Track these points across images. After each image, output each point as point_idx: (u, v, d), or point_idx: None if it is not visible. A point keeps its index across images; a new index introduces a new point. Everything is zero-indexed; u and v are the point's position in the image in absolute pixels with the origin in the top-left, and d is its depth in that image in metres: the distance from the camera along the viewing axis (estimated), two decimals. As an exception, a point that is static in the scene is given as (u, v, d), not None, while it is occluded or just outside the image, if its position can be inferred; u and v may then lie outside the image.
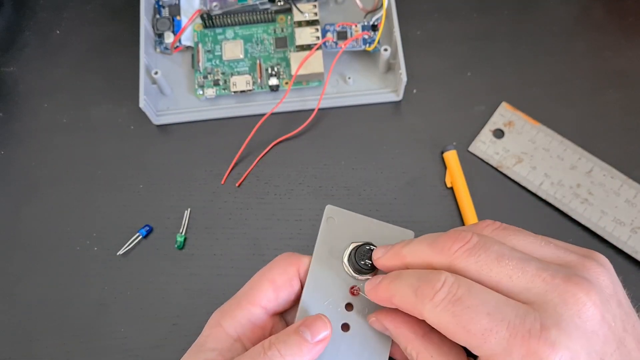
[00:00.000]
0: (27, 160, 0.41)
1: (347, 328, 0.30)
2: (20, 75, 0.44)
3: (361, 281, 0.30)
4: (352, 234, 0.31)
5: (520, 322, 0.24)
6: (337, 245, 0.30)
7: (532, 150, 0.39)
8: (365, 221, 0.31)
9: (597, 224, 0.37)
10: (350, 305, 0.30)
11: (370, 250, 0.29)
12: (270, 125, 0.40)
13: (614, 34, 0.42)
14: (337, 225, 0.31)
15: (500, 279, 0.25)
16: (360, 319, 0.30)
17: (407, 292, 0.26)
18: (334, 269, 0.30)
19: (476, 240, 0.26)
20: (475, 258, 0.26)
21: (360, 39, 0.40)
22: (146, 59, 0.40)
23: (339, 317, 0.30)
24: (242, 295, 0.30)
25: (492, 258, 0.25)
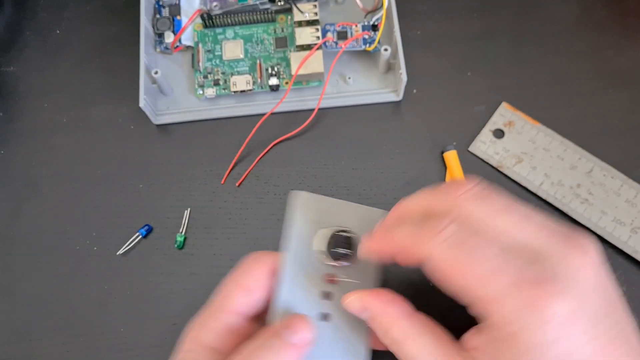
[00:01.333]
0: (27, 160, 0.41)
1: (327, 318, 0.29)
2: (21, 75, 0.44)
3: (337, 268, 0.29)
4: (322, 219, 0.29)
5: (524, 269, 0.24)
6: (308, 232, 0.29)
7: (532, 150, 0.39)
8: (334, 204, 0.30)
9: (597, 224, 0.37)
10: (330, 294, 0.29)
11: (347, 237, 0.28)
12: (270, 125, 0.40)
13: (614, 33, 0.42)
14: (310, 213, 0.30)
15: (505, 227, 0.25)
16: (339, 307, 0.29)
17: (410, 230, 0.25)
18: (307, 258, 0.29)
19: (483, 187, 0.26)
20: (481, 203, 0.25)
21: (360, 39, 0.40)
22: (146, 58, 0.40)
23: (317, 307, 0.29)
24: (214, 305, 0.29)
25: (498, 206, 0.25)
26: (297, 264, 0.29)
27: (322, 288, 0.29)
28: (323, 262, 0.29)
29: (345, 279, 0.29)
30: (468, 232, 0.24)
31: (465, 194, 0.25)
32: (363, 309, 0.28)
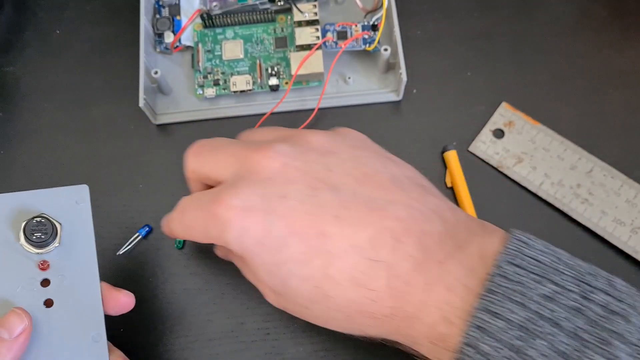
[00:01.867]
0: (27, 160, 0.41)
1: (50, 303, 0.30)
2: (21, 75, 0.44)
3: (47, 253, 0.30)
4: (24, 213, 0.30)
5: (207, 199, 0.29)
6: (13, 230, 0.30)
7: (532, 150, 0.39)
8: (31, 195, 0.31)
9: (597, 224, 0.37)
10: (47, 281, 0.30)
11: (40, 222, 0.30)
12: (270, 125, 0.40)
13: (614, 33, 0.42)
14: (5, 212, 0.31)
15: (209, 168, 0.31)
16: (60, 289, 0.30)
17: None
18: (14, 253, 0.30)
19: (199, 143, 0.32)
20: (190, 159, 0.32)
21: (360, 39, 0.40)
22: (146, 58, 0.40)
23: (38, 296, 0.30)
24: None
25: (201, 152, 0.32)
26: (5, 264, 0.30)
27: (39, 277, 0.30)
28: (31, 252, 0.30)
29: (56, 260, 0.30)
30: (178, 209, 0.32)
31: (188, 152, 0.33)
32: (224, 255, 0.34)
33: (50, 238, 0.30)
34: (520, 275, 0.23)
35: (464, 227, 0.27)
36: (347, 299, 0.26)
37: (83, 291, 0.30)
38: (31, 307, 0.30)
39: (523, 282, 0.23)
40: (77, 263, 0.31)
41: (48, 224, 0.30)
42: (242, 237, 0.27)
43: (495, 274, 0.24)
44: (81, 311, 0.30)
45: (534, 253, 0.24)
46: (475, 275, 0.24)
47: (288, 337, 0.36)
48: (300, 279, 0.27)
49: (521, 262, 0.24)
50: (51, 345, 0.29)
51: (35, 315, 0.30)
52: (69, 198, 0.31)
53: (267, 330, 0.36)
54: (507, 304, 0.23)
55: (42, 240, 0.30)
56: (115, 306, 0.31)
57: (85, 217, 0.31)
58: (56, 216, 0.31)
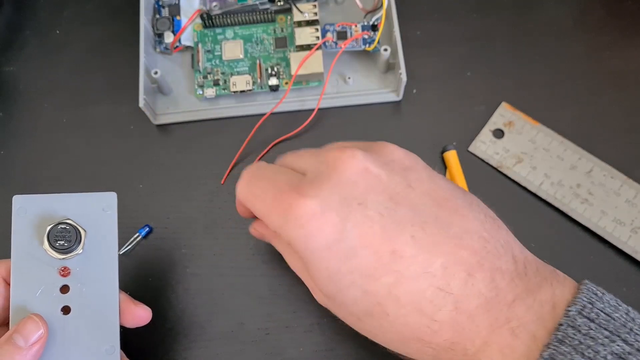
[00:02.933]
0: (27, 160, 0.41)
1: (68, 310, 0.30)
2: (20, 74, 0.44)
3: (69, 259, 0.30)
4: (49, 217, 0.30)
5: (285, 185, 0.27)
6: (36, 233, 0.30)
7: (532, 151, 0.39)
8: (59, 199, 0.31)
9: (597, 224, 0.37)
10: (66, 287, 0.30)
11: (64, 228, 0.29)
12: (270, 125, 0.40)
13: (613, 34, 0.42)
14: (31, 214, 0.30)
15: (292, 161, 0.30)
16: (79, 297, 0.30)
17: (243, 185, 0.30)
18: (37, 257, 0.30)
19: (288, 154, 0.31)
20: (281, 157, 0.31)
21: (360, 39, 0.40)
22: (146, 58, 0.40)
23: (56, 302, 0.30)
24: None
25: (289, 154, 0.31)
26: (26, 267, 0.30)
27: (58, 283, 0.30)
28: (54, 257, 0.30)
29: (78, 267, 0.30)
30: (258, 169, 0.30)
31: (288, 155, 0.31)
32: (260, 236, 0.33)
33: (74, 245, 0.30)
34: (591, 329, 0.22)
35: (534, 270, 0.26)
36: (406, 322, 0.25)
37: (101, 301, 0.30)
38: (48, 312, 0.29)
39: (594, 337, 0.22)
40: (98, 271, 0.30)
41: (72, 231, 0.30)
42: (310, 238, 0.26)
43: (566, 324, 0.23)
44: (98, 321, 0.30)
45: (606, 307, 0.23)
46: (543, 323, 0.23)
47: (288, 337, 0.36)
48: (362, 291, 0.25)
49: (593, 315, 0.23)
50: (64, 353, 0.29)
51: (52, 321, 0.29)
52: (96, 204, 0.31)
53: (267, 331, 0.36)
54: (576, 357, 0.22)
55: (65, 248, 0.29)
56: (132, 319, 0.31)
57: (111, 225, 0.31)
58: (81, 222, 0.30)
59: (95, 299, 0.30)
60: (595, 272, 0.36)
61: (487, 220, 0.27)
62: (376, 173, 0.26)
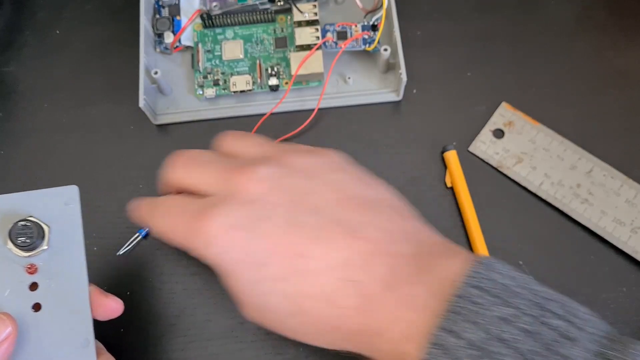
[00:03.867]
0: (27, 160, 0.41)
1: (39, 307, 0.30)
2: (20, 75, 0.44)
3: (34, 256, 0.30)
4: (12, 216, 0.30)
5: (194, 210, 0.29)
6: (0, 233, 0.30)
7: (532, 151, 0.39)
8: (20, 197, 0.31)
9: (597, 224, 0.37)
10: (35, 284, 0.30)
11: (25, 225, 0.29)
12: (270, 125, 0.40)
13: (614, 34, 0.42)
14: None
15: (194, 182, 0.31)
16: (48, 293, 0.30)
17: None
18: (3, 257, 0.30)
19: (183, 154, 0.33)
20: (175, 169, 0.32)
21: (360, 39, 0.40)
22: (146, 59, 0.40)
23: (26, 300, 0.29)
24: None
25: (188, 164, 0.32)
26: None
27: (28, 280, 0.30)
28: (19, 256, 0.30)
29: (44, 264, 0.30)
30: (157, 202, 0.32)
31: (169, 164, 0.33)
32: (141, 220, 0.33)
33: (37, 241, 0.29)
34: (480, 297, 0.24)
35: (439, 251, 0.28)
36: (321, 315, 0.27)
37: (72, 295, 0.30)
38: (19, 311, 0.29)
39: (482, 304, 0.24)
40: (66, 266, 0.30)
41: (34, 228, 0.29)
42: (223, 255, 0.29)
43: (457, 295, 0.25)
44: (70, 315, 0.30)
45: (499, 277, 0.25)
46: (438, 297, 0.25)
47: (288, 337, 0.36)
48: (278, 295, 0.28)
49: (483, 285, 0.25)
50: (39, 349, 0.29)
51: (24, 319, 0.29)
52: (57, 199, 0.31)
53: (267, 330, 0.36)
54: (464, 324, 0.24)
55: (27, 245, 0.29)
56: (103, 312, 0.31)
57: (75, 219, 0.31)
58: (45, 218, 0.30)
59: (65, 294, 0.30)
60: (595, 272, 0.36)
61: (387, 211, 0.30)
62: (279, 189, 0.29)
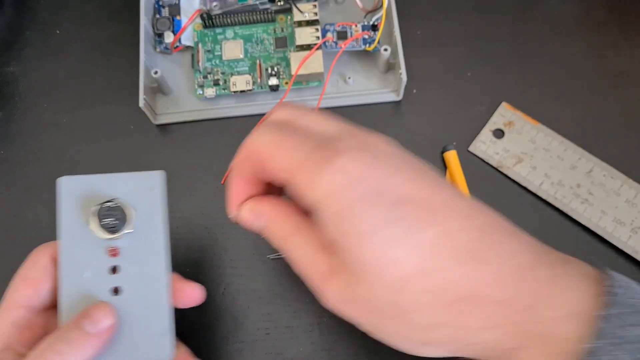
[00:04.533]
0: (27, 160, 0.41)
1: (118, 291, 0.29)
2: (21, 75, 0.44)
3: (117, 239, 0.29)
4: (96, 197, 0.29)
5: (316, 144, 0.25)
6: (83, 214, 0.29)
7: (532, 151, 0.39)
8: (105, 179, 0.30)
9: (597, 224, 0.37)
10: (116, 268, 0.29)
11: (112, 207, 0.29)
12: (270, 125, 0.40)
13: (614, 34, 0.42)
14: (76, 195, 0.30)
15: (308, 123, 0.27)
16: (129, 277, 0.29)
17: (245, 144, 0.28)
18: (86, 238, 0.29)
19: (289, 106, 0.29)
20: (288, 110, 0.28)
21: (360, 39, 0.40)
22: (146, 58, 0.40)
23: (106, 283, 0.29)
24: (1, 304, 0.29)
25: (300, 111, 0.28)
26: (75, 249, 0.29)
27: (109, 263, 0.29)
28: (101, 238, 0.29)
29: (127, 246, 0.29)
30: (279, 125, 0.27)
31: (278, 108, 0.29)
32: (256, 217, 0.28)
33: (122, 224, 0.29)
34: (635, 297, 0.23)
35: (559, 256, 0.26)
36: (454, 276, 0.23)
37: (152, 281, 0.29)
38: (98, 294, 0.28)
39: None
40: (148, 251, 0.29)
41: (119, 210, 0.29)
42: (354, 185, 0.24)
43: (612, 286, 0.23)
44: (149, 301, 0.29)
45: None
46: (593, 286, 0.23)
47: (288, 337, 0.36)
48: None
49: (632, 286, 0.23)
50: (117, 334, 0.28)
51: None
52: (143, 183, 0.30)
53: (267, 330, 0.36)
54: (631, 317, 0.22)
55: (113, 226, 0.28)
56: (183, 299, 0.30)
57: (159, 204, 0.30)
58: (129, 201, 0.30)
59: (145, 279, 0.29)
60: (595, 272, 0.36)
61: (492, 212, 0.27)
62: (397, 152, 0.27)
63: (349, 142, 0.25)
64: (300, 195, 0.25)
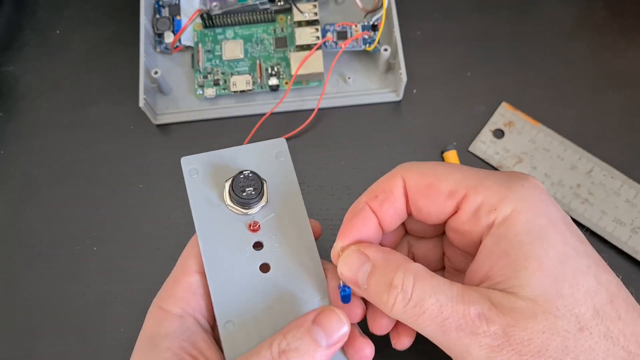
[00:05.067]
0: (27, 160, 0.41)
1: (267, 268, 0.27)
2: (20, 74, 0.44)
3: (255, 214, 0.27)
4: (223, 173, 0.28)
5: (485, 177, 0.26)
6: (213, 192, 0.28)
7: (532, 151, 0.39)
8: (227, 153, 0.29)
9: (597, 224, 0.37)
10: (259, 244, 0.27)
11: (247, 176, 0.27)
12: (270, 125, 0.40)
13: (614, 34, 0.42)
14: (202, 173, 0.28)
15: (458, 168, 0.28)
16: (274, 252, 0.27)
17: (378, 183, 0.27)
18: (222, 217, 0.27)
19: None
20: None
21: (360, 39, 0.40)
22: (146, 58, 0.40)
23: (253, 261, 0.27)
24: (174, 273, 0.28)
25: None
26: (213, 229, 0.27)
27: (250, 240, 0.27)
28: (239, 213, 0.27)
29: (266, 221, 0.28)
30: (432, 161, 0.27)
31: None
32: (363, 260, 0.25)
33: (259, 195, 0.27)
34: None
35: None
36: None
37: (299, 251, 0.27)
38: (247, 274, 0.27)
39: None
40: (289, 222, 0.28)
41: (255, 178, 0.27)
42: (546, 204, 0.25)
43: None
44: (302, 275, 0.27)
45: None
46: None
47: None
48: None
49: None
50: (273, 315, 0.26)
51: (253, 282, 0.26)
52: (268, 153, 0.29)
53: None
54: None
55: (252, 197, 0.27)
56: (356, 354, 0.27)
57: (289, 172, 0.28)
58: (260, 172, 0.28)
59: (292, 252, 0.27)
60: (595, 272, 0.36)
61: None
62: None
63: (521, 173, 0.26)
64: (475, 211, 0.25)
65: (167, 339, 0.26)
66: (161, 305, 0.28)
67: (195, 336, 0.26)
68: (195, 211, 0.28)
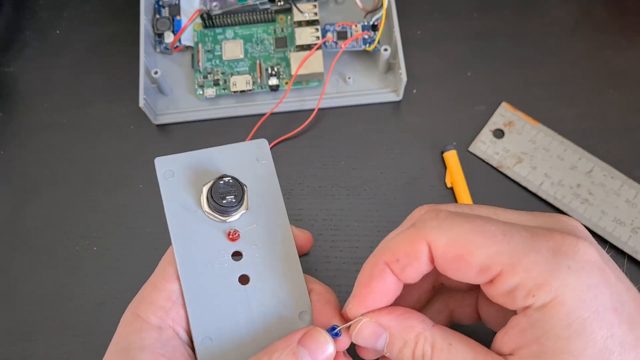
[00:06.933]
0: (27, 160, 0.41)
1: (246, 280, 0.25)
2: (20, 75, 0.44)
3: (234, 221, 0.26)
4: (200, 176, 0.26)
5: (533, 230, 0.23)
6: (190, 197, 0.26)
7: (532, 151, 0.39)
8: (207, 154, 0.26)
9: (597, 224, 0.37)
10: (238, 253, 0.26)
11: (227, 182, 0.25)
12: (270, 125, 0.40)
13: (614, 34, 0.42)
14: (178, 176, 0.26)
15: (487, 212, 0.25)
16: (254, 263, 0.25)
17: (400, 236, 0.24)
18: (199, 224, 0.26)
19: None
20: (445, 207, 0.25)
21: (360, 39, 0.40)
22: (146, 58, 0.40)
23: (232, 272, 0.25)
24: (153, 278, 0.27)
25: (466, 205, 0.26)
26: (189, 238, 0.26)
27: (229, 249, 0.26)
28: (217, 220, 0.26)
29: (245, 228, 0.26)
30: (463, 215, 0.23)
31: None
32: (379, 333, 0.24)
33: (239, 202, 0.25)
34: None
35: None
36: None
37: (281, 263, 0.25)
38: (225, 285, 0.25)
39: None
40: (270, 230, 0.26)
41: (237, 185, 0.25)
42: (596, 288, 0.22)
43: None
44: (282, 287, 0.25)
45: None
46: None
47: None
48: None
49: None
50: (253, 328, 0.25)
51: (231, 295, 0.25)
52: (248, 154, 0.27)
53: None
54: None
55: (232, 205, 0.25)
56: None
57: (270, 176, 0.26)
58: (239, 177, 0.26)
59: (273, 263, 0.25)
60: (595, 272, 0.36)
61: None
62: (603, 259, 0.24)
63: (578, 230, 0.23)
64: (510, 291, 0.22)
65: (144, 353, 0.24)
66: (138, 313, 0.26)
67: (175, 351, 0.25)
68: (170, 217, 0.26)
